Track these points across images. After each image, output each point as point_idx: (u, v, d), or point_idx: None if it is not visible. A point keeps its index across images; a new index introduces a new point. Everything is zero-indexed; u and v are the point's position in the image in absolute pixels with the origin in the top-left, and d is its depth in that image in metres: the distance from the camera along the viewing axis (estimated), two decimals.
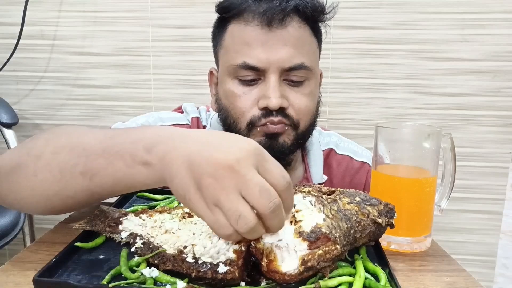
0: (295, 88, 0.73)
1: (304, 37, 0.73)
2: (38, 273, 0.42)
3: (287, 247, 0.44)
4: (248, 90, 0.73)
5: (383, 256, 0.50)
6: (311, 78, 0.75)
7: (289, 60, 0.71)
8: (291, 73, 0.72)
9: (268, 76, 0.71)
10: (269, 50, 0.70)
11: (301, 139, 0.76)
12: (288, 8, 0.70)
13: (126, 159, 0.46)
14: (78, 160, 0.48)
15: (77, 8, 1.34)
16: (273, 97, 0.70)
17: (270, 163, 0.41)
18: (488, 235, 1.35)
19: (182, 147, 0.42)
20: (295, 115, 0.73)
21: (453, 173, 0.62)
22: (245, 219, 0.38)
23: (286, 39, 0.71)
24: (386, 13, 1.25)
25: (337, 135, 0.93)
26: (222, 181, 0.39)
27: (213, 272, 0.43)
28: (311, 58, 0.74)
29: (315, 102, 0.78)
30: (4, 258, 1.49)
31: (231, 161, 0.39)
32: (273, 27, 0.70)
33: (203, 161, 0.40)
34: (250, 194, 0.38)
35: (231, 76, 0.74)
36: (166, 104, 1.35)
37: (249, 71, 0.72)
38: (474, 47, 1.25)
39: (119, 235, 0.52)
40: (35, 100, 1.41)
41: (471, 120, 1.29)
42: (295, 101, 0.73)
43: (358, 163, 0.88)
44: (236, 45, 0.73)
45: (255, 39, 0.71)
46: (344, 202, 0.50)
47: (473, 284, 0.50)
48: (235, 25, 0.73)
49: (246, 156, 0.40)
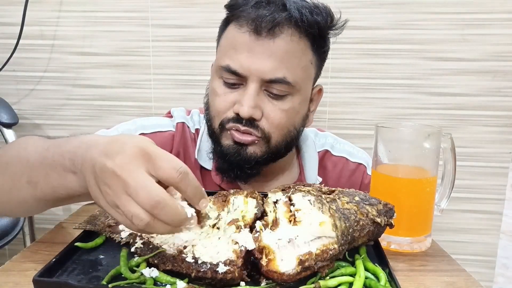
0: (274, 101, 0.72)
1: (294, 51, 0.71)
2: (38, 273, 0.42)
3: (285, 247, 0.44)
4: (229, 92, 0.73)
5: (383, 256, 0.50)
6: (294, 94, 0.73)
7: (271, 72, 0.69)
8: (271, 85, 0.71)
9: (248, 84, 0.70)
10: (253, 58, 0.69)
11: (273, 153, 0.75)
12: (278, 18, 0.68)
13: (58, 170, 0.50)
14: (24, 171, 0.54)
15: (77, 8, 1.33)
16: (245, 106, 0.69)
17: (159, 159, 0.43)
18: (488, 235, 1.35)
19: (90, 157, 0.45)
20: (267, 128, 0.72)
21: (453, 173, 0.62)
22: (138, 217, 0.41)
23: (272, 50, 0.69)
24: (386, 13, 1.25)
25: (333, 136, 0.92)
26: (112, 187, 0.42)
27: (213, 272, 0.43)
28: (297, 74, 0.72)
29: (294, 119, 0.75)
30: (4, 258, 1.49)
31: (115, 167, 0.42)
32: (261, 36, 0.69)
33: (99, 170, 0.43)
34: (134, 195, 0.41)
35: (218, 75, 0.74)
36: (166, 104, 1.35)
37: (232, 75, 0.71)
38: (474, 47, 1.25)
39: (119, 235, 0.52)
40: (35, 100, 1.41)
41: (471, 120, 1.29)
42: (270, 114, 0.71)
43: (353, 165, 0.87)
44: (226, 46, 0.73)
45: (242, 44, 0.70)
46: (343, 201, 0.50)
47: (473, 284, 0.50)
48: (232, 27, 0.73)
49: (129, 160, 0.42)
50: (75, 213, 0.70)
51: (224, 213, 0.55)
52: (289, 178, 0.85)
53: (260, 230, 0.47)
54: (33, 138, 0.60)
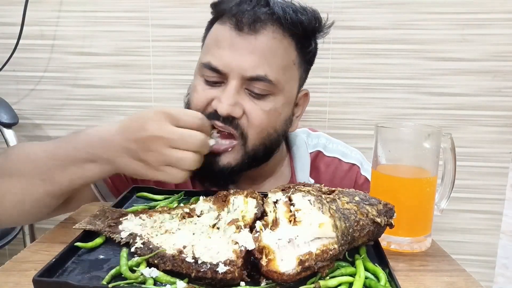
0: (256, 100, 0.70)
1: (277, 49, 0.69)
2: (38, 273, 0.42)
3: (285, 247, 0.44)
4: (208, 89, 0.71)
5: (383, 256, 0.50)
6: (277, 95, 0.70)
7: (252, 69, 0.67)
8: (252, 83, 0.69)
9: (229, 81, 0.69)
10: (234, 54, 0.68)
11: (250, 158, 0.71)
12: (258, 13, 0.67)
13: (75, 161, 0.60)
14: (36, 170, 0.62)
15: (77, 8, 1.33)
16: (224, 103, 0.67)
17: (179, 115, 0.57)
18: (488, 235, 1.35)
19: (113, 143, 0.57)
20: (245, 127, 0.69)
21: (453, 173, 0.62)
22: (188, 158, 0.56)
23: (254, 46, 0.67)
24: (386, 13, 1.25)
25: (326, 137, 0.90)
26: (156, 148, 0.55)
27: (212, 272, 0.43)
28: (280, 73, 0.69)
29: (275, 122, 0.72)
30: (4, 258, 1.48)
31: (151, 132, 0.55)
32: (243, 31, 0.68)
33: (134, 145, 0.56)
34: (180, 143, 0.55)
35: (199, 73, 0.73)
36: (166, 104, 1.35)
37: (213, 72, 0.70)
38: (474, 47, 1.25)
39: (119, 235, 0.52)
40: (35, 100, 1.41)
41: (471, 120, 1.29)
42: (251, 114, 0.69)
43: (347, 165, 0.85)
44: (209, 44, 0.72)
45: (224, 40, 0.69)
46: (343, 201, 0.50)
47: (473, 284, 0.50)
48: (216, 24, 0.73)
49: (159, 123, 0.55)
50: (75, 213, 0.70)
51: (224, 213, 0.55)
52: (280, 180, 0.83)
53: (260, 230, 0.47)
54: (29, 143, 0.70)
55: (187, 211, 0.56)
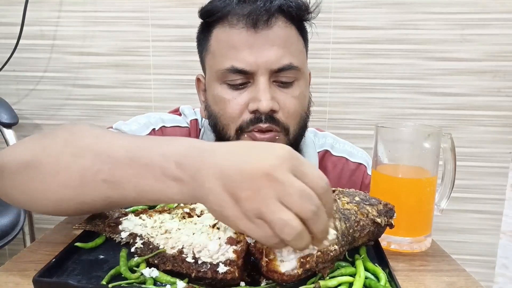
0: (285, 89, 0.72)
1: (291, 37, 0.72)
2: (38, 273, 0.42)
3: (286, 247, 0.44)
4: (238, 95, 0.71)
5: (383, 256, 0.50)
6: (300, 79, 0.74)
7: (278, 60, 0.69)
8: (280, 74, 0.70)
9: (257, 79, 0.69)
10: (256, 52, 0.69)
11: (293, 144, 0.74)
12: (272, 8, 0.69)
13: (156, 172, 0.43)
14: (102, 166, 0.45)
15: (77, 8, 1.34)
16: (263, 100, 0.68)
17: (306, 166, 0.39)
18: (488, 235, 1.35)
19: (212, 163, 0.40)
20: (285, 119, 0.71)
21: (453, 173, 0.62)
22: (291, 226, 0.36)
23: (273, 39, 0.69)
24: (386, 13, 1.25)
25: (333, 136, 0.91)
26: (261, 192, 0.37)
27: (213, 272, 0.43)
28: (299, 58, 0.73)
29: (305, 104, 0.76)
30: (4, 258, 1.49)
31: (266, 169, 0.37)
32: (258, 28, 0.69)
33: (237, 174, 0.38)
34: (291, 200, 0.37)
35: (219, 81, 0.72)
36: (166, 104, 1.35)
37: (238, 75, 0.70)
38: (474, 47, 1.25)
39: (119, 235, 0.52)
40: (35, 100, 1.41)
41: (471, 120, 1.29)
42: (285, 103, 0.71)
43: (354, 165, 0.87)
44: (222, 49, 0.71)
45: (241, 42, 0.69)
46: (344, 201, 0.50)
47: (473, 284, 0.50)
48: (220, 29, 0.72)
49: (281, 161, 0.38)
50: None
51: None
52: None
53: None
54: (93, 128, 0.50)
55: (187, 211, 0.56)
